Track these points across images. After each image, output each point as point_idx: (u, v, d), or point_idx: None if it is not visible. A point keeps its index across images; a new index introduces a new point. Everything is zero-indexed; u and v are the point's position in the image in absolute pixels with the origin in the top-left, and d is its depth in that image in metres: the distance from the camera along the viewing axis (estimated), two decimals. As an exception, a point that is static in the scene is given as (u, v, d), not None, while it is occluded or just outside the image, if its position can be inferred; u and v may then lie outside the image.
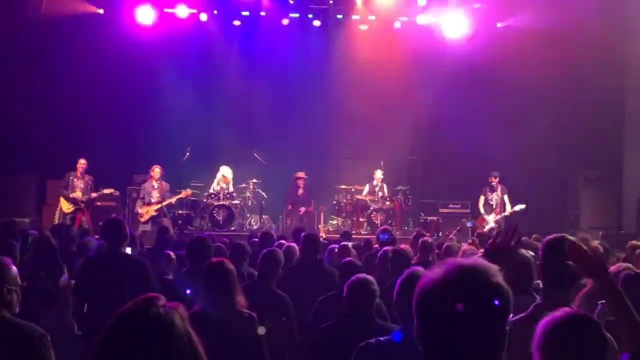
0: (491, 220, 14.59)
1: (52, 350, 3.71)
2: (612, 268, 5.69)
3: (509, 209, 14.61)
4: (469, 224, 14.47)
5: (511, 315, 1.77)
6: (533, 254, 4.71)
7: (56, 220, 13.63)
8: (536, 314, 3.16)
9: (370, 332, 3.81)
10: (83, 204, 13.82)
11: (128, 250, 7.13)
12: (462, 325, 1.67)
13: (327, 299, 5.58)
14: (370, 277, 4.54)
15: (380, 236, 8.84)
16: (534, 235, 8.47)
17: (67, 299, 6.13)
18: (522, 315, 3.28)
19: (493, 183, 14.82)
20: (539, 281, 4.04)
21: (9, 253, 5.33)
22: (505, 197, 14.78)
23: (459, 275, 1.71)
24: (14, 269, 3.82)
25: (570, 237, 3.55)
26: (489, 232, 12.49)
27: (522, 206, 14.45)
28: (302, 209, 15.42)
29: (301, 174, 15.67)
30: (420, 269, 3.70)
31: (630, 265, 5.80)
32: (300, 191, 15.60)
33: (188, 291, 5.37)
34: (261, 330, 4.44)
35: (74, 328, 6.10)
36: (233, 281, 4.52)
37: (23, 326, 3.69)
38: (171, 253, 7.26)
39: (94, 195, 13.91)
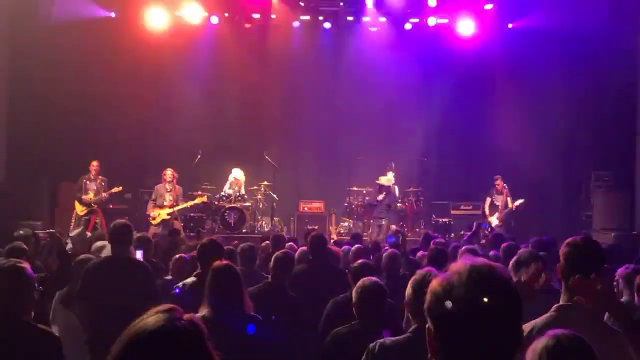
0: (494, 221, 14.67)
1: (64, 355, 3.75)
2: (620, 270, 5.64)
3: (510, 205, 14.71)
4: (484, 226, 14.49)
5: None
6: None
7: (72, 224, 13.72)
8: (558, 315, 3.14)
9: (380, 333, 3.81)
10: (95, 205, 13.89)
11: (138, 253, 7.14)
12: (472, 325, 1.66)
13: (339, 301, 5.56)
14: (377, 280, 4.54)
15: (387, 239, 8.82)
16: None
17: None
18: (545, 316, 3.25)
19: (499, 186, 14.84)
20: None
21: (19, 256, 5.35)
22: (509, 200, 14.82)
23: (469, 275, 1.70)
24: (32, 273, 3.84)
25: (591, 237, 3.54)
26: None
27: (521, 200, 14.59)
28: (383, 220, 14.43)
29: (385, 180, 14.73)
30: (432, 269, 3.70)
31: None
32: (382, 197, 14.56)
33: (177, 290, 5.39)
34: (268, 332, 4.43)
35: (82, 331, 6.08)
36: (239, 284, 4.49)
37: (38, 330, 3.74)
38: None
39: (104, 195, 13.96)
